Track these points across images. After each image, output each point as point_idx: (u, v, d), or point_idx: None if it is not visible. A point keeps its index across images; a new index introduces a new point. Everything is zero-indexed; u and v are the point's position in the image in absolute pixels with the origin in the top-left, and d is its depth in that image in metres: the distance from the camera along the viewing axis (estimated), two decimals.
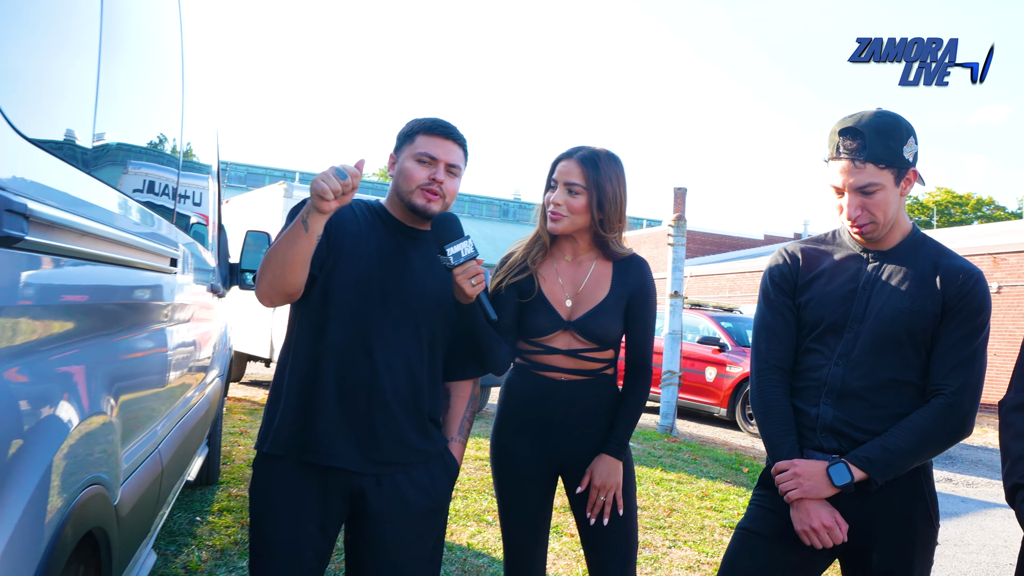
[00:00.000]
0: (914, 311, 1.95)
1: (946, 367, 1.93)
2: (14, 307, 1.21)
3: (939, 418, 1.91)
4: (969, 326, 1.94)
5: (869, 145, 1.90)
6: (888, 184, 1.93)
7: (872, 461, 1.90)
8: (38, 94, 1.35)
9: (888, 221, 1.97)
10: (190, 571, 3.76)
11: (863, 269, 2.04)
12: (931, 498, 2.01)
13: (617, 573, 2.35)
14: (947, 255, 2.02)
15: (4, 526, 1.18)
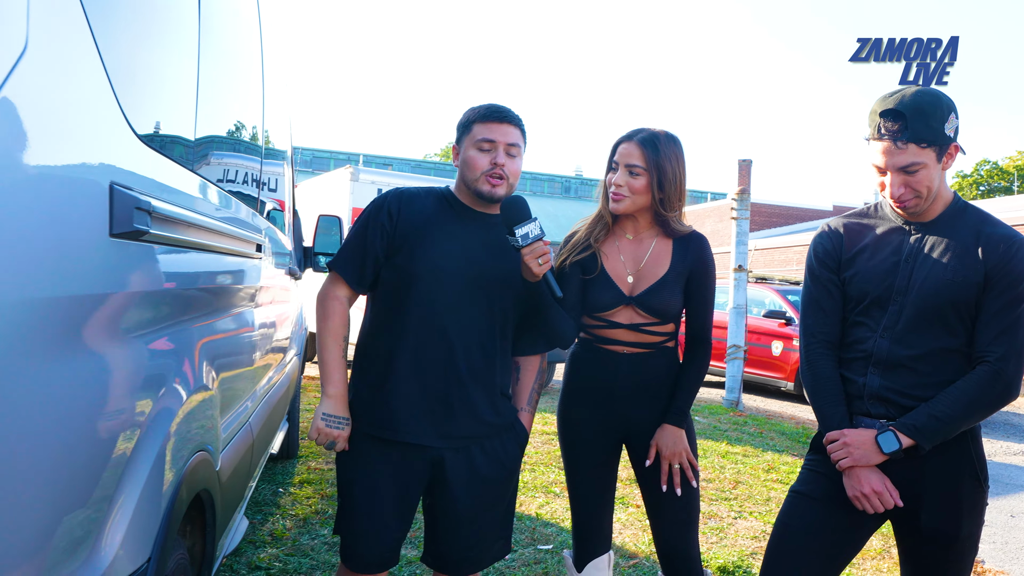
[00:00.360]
0: (956, 282, 1.98)
1: (990, 335, 1.97)
2: (140, 292, 1.36)
3: (984, 385, 1.96)
4: (1012, 293, 1.96)
5: (911, 126, 1.92)
6: (930, 162, 1.96)
7: (919, 428, 1.95)
8: (152, 100, 1.51)
9: (931, 196, 2.01)
10: (276, 538, 3.99)
11: (905, 242, 2.08)
12: (979, 460, 2.06)
13: (680, 539, 2.45)
14: (990, 222, 2.05)
15: (134, 486, 1.34)
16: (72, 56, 1.05)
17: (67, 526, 1.08)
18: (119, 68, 1.24)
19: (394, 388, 2.20)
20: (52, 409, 1.02)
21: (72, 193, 1.05)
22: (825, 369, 2.13)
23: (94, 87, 1.13)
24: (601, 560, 2.55)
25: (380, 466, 2.20)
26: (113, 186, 1.17)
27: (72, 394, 1.09)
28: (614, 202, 2.39)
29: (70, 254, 1.05)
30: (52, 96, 0.99)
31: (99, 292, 1.17)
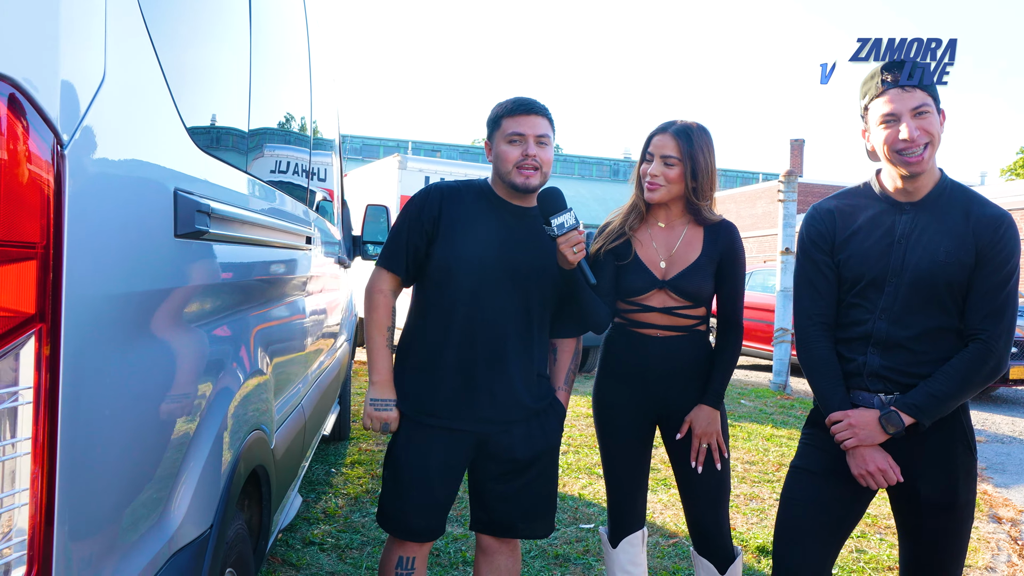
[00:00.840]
0: (950, 263, 2.04)
1: (980, 314, 2.04)
2: (202, 286, 1.51)
3: (976, 362, 2.03)
4: (1001, 273, 2.03)
5: (917, 74, 2.03)
6: (934, 110, 2.04)
7: (920, 408, 2.03)
8: (208, 109, 1.65)
9: (935, 151, 2.06)
10: (328, 515, 4.18)
11: (898, 222, 2.12)
12: (968, 430, 2.14)
13: (711, 516, 2.55)
14: (978, 202, 2.10)
15: (197, 461, 1.49)
16: (140, 79, 1.19)
17: (139, 496, 1.23)
18: (180, 84, 1.37)
19: (440, 378, 2.33)
20: (126, 392, 1.16)
21: (142, 200, 1.19)
22: (822, 350, 2.19)
23: (159, 104, 1.27)
24: (635, 536, 2.65)
25: (427, 445, 2.34)
26: (177, 192, 1.31)
27: (143, 379, 1.23)
28: (649, 191, 2.48)
29: (142, 254, 1.19)
30: (124, 116, 1.12)
31: (167, 287, 1.31)
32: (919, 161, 2.04)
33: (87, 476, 1.02)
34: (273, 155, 2.34)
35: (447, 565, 3.56)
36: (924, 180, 2.11)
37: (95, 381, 1.04)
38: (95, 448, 1.04)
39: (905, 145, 2.04)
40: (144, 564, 1.24)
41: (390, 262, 2.38)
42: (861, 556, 3.94)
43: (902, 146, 2.04)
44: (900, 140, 2.03)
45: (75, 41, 0.97)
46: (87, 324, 0.99)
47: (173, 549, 1.37)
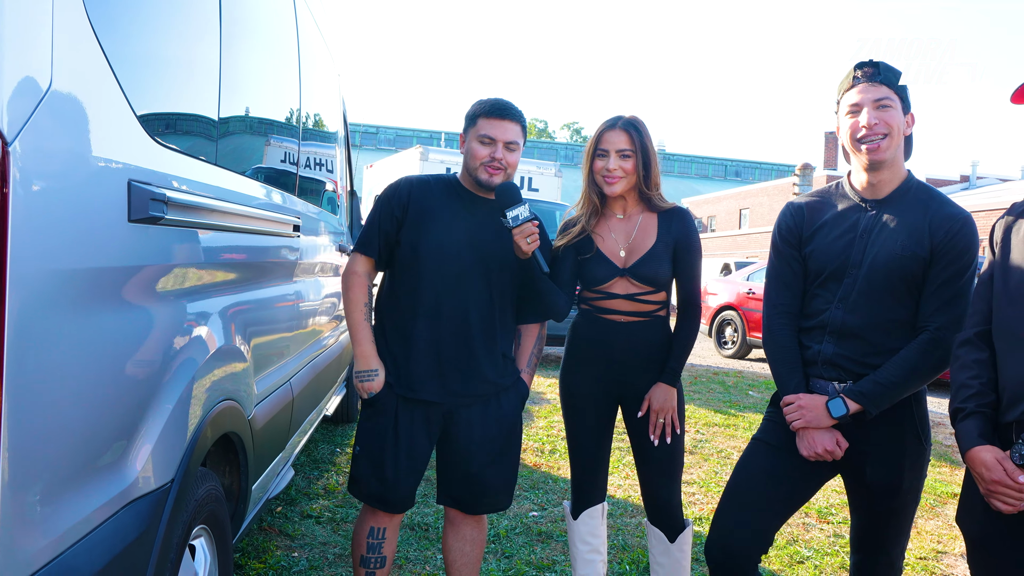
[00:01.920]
0: (905, 256, 2.15)
1: (932, 306, 2.15)
2: (160, 265, 1.69)
3: (924, 353, 2.13)
4: (954, 268, 2.13)
5: (883, 72, 2.18)
6: (897, 107, 2.18)
7: (865, 394, 2.14)
8: (170, 106, 1.84)
9: (895, 146, 2.19)
10: (329, 491, 4.40)
11: (862, 218, 2.26)
12: (921, 422, 2.24)
13: (664, 488, 2.71)
14: (938, 200, 2.21)
15: (158, 419, 1.68)
16: (91, 82, 1.37)
17: (91, 445, 1.41)
18: (135, 87, 1.56)
19: (410, 353, 2.54)
20: (77, 353, 1.35)
21: (92, 190, 1.37)
22: (784, 338, 2.33)
23: (111, 105, 1.45)
24: (595, 509, 2.81)
25: (398, 419, 2.53)
26: (131, 182, 1.49)
27: (96, 343, 1.41)
28: (609, 185, 2.63)
29: (92, 237, 1.38)
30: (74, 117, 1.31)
31: (120, 265, 1.49)
32: (876, 149, 2.17)
33: (33, 419, 1.21)
34: (249, 146, 2.53)
35: (434, 539, 3.74)
36: (888, 177, 2.24)
37: (42, 341, 1.22)
38: (42, 397, 1.23)
39: (864, 132, 2.18)
40: (98, 505, 1.43)
41: (364, 247, 2.60)
42: (838, 540, 4.06)
43: (862, 133, 2.18)
44: (860, 127, 2.18)
45: (20, 51, 1.16)
46: (31, 293, 1.18)
47: (132, 496, 1.56)
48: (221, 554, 2.18)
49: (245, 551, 3.48)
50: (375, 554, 2.61)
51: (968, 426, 1.89)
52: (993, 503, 1.82)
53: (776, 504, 2.30)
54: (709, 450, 5.86)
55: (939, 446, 6.62)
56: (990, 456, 1.81)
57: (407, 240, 2.54)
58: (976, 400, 1.91)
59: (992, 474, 1.79)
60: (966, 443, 1.88)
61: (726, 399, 8.07)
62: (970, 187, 33.55)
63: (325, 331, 4.03)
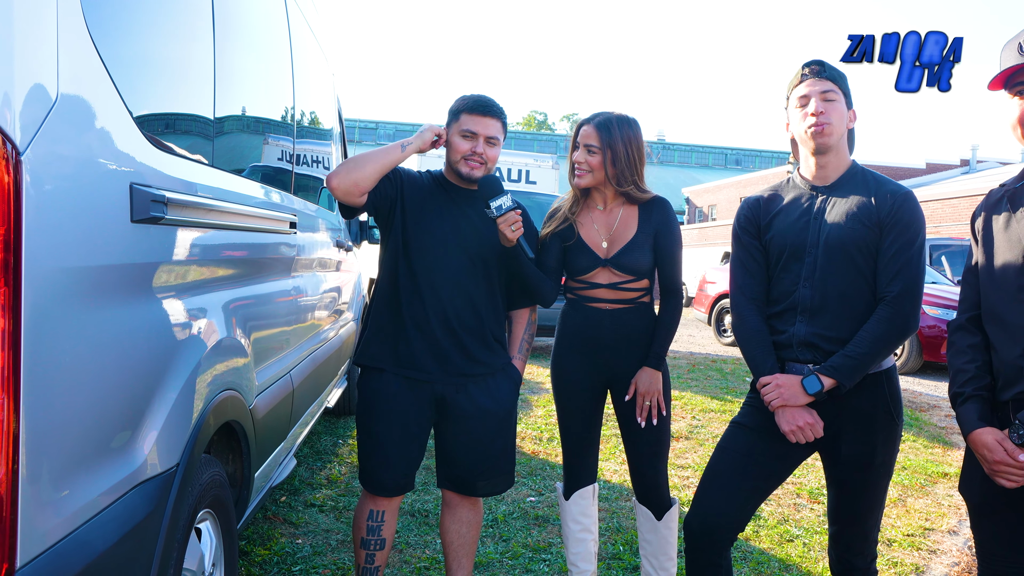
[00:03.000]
0: (856, 228, 2.31)
1: (887, 276, 2.29)
2: (161, 262, 1.80)
3: (885, 322, 2.27)
4: (903, 239, 2.28)
5: (828, 70, 2.37)
6: (841, 101, 2.35)
7: (837, 368, 2.26)
8: (164, 113, 1.94)
9: (839, 133, 2.36)
10: (331, 481, 4.51)
11: (813, 203, 2.41)
12: (893, 398, 2.36)
13: (650, 468, 2.82)
14: (882, 181, 2.38)
15: (163, 407, 1.79)
16: (94, 96, 1.48)
17: (102, 430, 1.52)
18: (134, 97, 1.66)
19: (401, 334, 2.66)
20: (87, 342, 1.45)
21: (97, 193, 1.48)
22: (753, 321, 2.44)
23: (113, 114, 1.56)
24: (586, 490, 2.92)
25: (393, 401, 2.64)
26: (132, 185, 1.60)
27: (104, 334, 1.52)
28: (577, 177, 2.75)
29: (98, 236, 1.48)
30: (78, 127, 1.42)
31: (124, 263, 1.60)
32: (821, 133, 2.33)
33: (48, 405, 1.31)
34: (244, 146, 2.63)
35: (433, 524, 3.86)
36: (834, 163, 2.40)
37: (55, 333, 1.33)
38: (56, 384, 1.34)
39: (813, 120, 2.33)
40: (108, 486, 1.54)
41: None
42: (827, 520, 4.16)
43: (810, 121, 2.33)
44: (808, 115, 2.34)
45: (29, 67, 1.26)
46: (45, 289, 1.29)
47: (139, 479, 1.67)
48: (226, 536, 2.29)
49: (250, 538, 3.59)
50: (375, 536, 2.72)
51: (968, 410, 2.05)
52: (998, 480, 1.98)
53: (754, 482, 2.41)
54: (704, 435, 5.96)
55: (933, 428, 6.73)
56: (991, 438, 1.97)
57: (398, 227, 2.66)
58: (973, 384, 2.07)
59: (994, 455, 1.96)
60: (968, 426, 2.04)
61: (723, 386, 8.18)
62: (970, 171, 33.54)
63: (324, 325, 4.13)
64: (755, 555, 3.67)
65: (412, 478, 2.73)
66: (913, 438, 6.20)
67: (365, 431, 2.69)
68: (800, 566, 3.58)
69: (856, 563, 2.45)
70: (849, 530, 2.42)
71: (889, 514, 4.30)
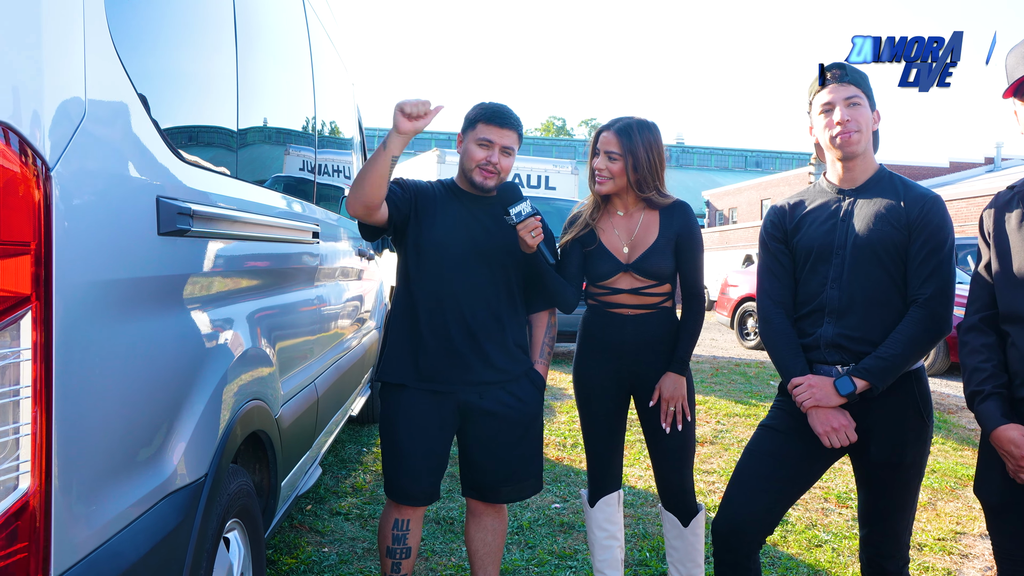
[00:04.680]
0: (885, 230, 2.29)
1: (919, 279, 2.27)
2: (188, 274, 1.82)
3: (919, 323, 2.25)
4: (933, 242, 2.27)
5: (850, 73, 2.35)
6: (866, 104, 2.33)
7: (870, 371, 2.24)
8: (189, 125, 1.96)
9: (866, 139, 2.34)
10: (357, 489, 4.53)
11: (840, 206, 2.40)
12: (923, 398, 2.34)
13: (676, 474, 2.80)
14: (910, 185, 2.37)
15: (191, 419, 1.80)
16: (121, 111, 1.50)
17: (132, 441, 1.54)
18: (162, 111, 1.68)
19: (420, 346, 2.65)
20: (117, 355, 1.47)
21: (125, 206, 1.50)
22: (781, 324, 2.43)
23: (139, 128, 1.58)
24: (611, 497, 2.91)
25: (415, 411, 2.64)
26: (159, 198, 1.62)
27: (133, 346, 1.54)
28: (598, 184, 2.74)
29: (126, 249, 1.50)
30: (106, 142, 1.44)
31: (152, 275, 1.62)
32: (849, 142, 2.32)
33: (79, 418, 1.33)
34: (267, 157, 2.66)
35: (459, 532, 3.86)
36: (861, 166, 2.39)
37: (85, 346, 1.34)
38: (86, 397, 1.35)
39: (839, 129, 2.32)
40: (139, 497, 1.56)
41: None
42: (855, 524, 4.11)
43: (836, 129, 2.32)
44: (835, 123, 2.32)
45: (58, 84, 1.28)
46: (75, 302, 1.30)
47: (169, 489, 1.68)
48: (254, 546, 2.30)
49: (277, 547, 3.61)
50: (400, 545, 2.72)
51: (989, 407, 2.03)
52: (1021, 478, 1.96)
53: (782, 484, 2.39)
54: (730, 440, 5.92)
55: (962, 430, 6.64)
56: (1016, 433, 1.96)
57: (413, 236, 2.66)
58: (992, 382, 2.05)
59: (1021, 450, 1.94)
60: (990, 423, 2.02)
61: (747, 390, 8.12)
62: (995, 169, 33.16)
63: (348, 334, 4.15)
64: (783, 560, 3.64)
65: (437, 487, 2.73)
66: (942, 440, 6.12)
67: (389, 442, 2.69)
68: (829, 571, 3.54)
69: (888, 567, 2.42)
70: (880, 532, 2.40)
71: (919, 518, 4.24)
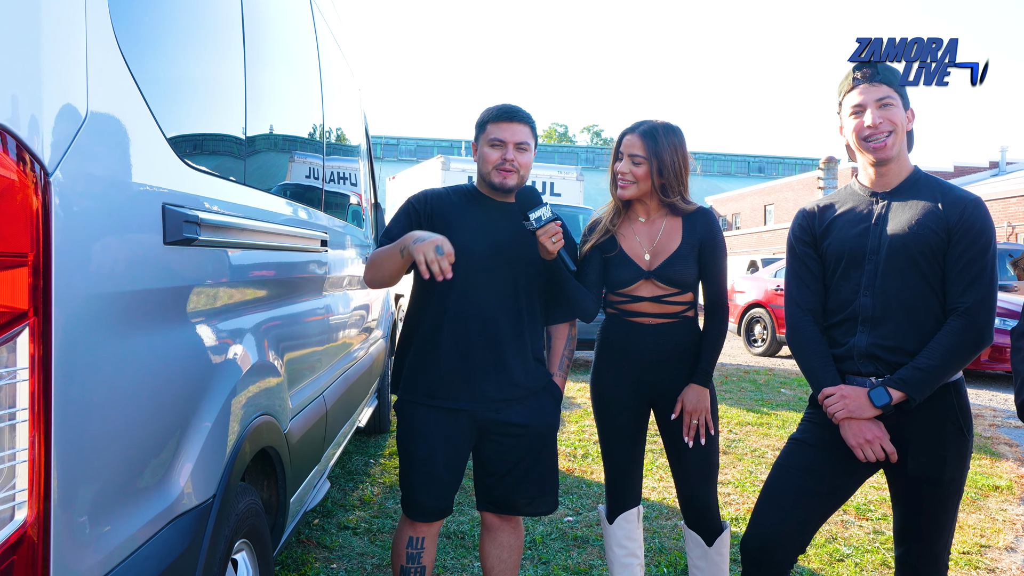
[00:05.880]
0: (922, 234, 2.18)
1: (960, 287, 2.16)
2: (196, 285, 1.73)
3: (959, 333, 2.14)
4: (975, 248, 2.15)
5: (882, 72, 2.24)
6: (899, 104, 2.23)
7: (906, 381, 2.14)
8: (196, 130, 1.88)
9: (900, 141, 2.24)
10: (364, 502, 4.43)
11: (873, 209, 2.29)
12: (962, 411, 2.23)
13: (699, 491, 2.70)
14: (947, 188, 2.25)
15: (198, 437, 1.71)
16: (124, 114, 1.41)
17: (137, 463, 1.45)
18: (166, 114, 1.60)
19: (438, 360, 2.54)
20: (121, 372, 1.38)
21: (129, 215, 1.41)
22: (810, 332, 2.33)
23: (144, 132, 1.49)
24: (631, 513, 2.81)
25: (431, 428, 2.55)
26: (165, 206, 1.53)
27: (139, 362, 1.45)
28: (621, 189, 2.65)
29: (130, 259, 1.41)
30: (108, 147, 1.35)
31: (158, 287, 1.53)
32: (883, 147, 2.22)
33: (82, 441, 1.24)
34: (275, 164, 2.57)
35: (470, 547, 3.76)
36: (895, 169, 2.29)
37: (87, 362, 1.26)
38: (89, 417, 1.26)
39: (869, 132, 2.23)
40: (144, 522, 1.47)
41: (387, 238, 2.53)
42: (878, 537, 4.02)
43: (867, 132, 2.23)
44: (866, 127, 2.23)
45: (58, 86, 1.20)
46: (76, 317, 1.22)
47: (176, 512, 1.60)
48: (262, 566, 2.21)
49: (284, 564, 3.51)
50: (415, 564, 2.63)
51: None
52: None
53: (815, 500, 2.29)
54: (743, 449, 5.82)
55: (978, 438, 6.53)
56: None
57: None
58: None
59: None
60: None
61: (758, 397, 8.02)
62: (1000, 173, 33.01)
63: (355, 344, 4.07)
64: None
65: (452, 502, 2.64)
66: None
67: (407, 457, 2.59)
68: None
69: None
70: (917, 552, 2.29)
71: None
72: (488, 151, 2.54)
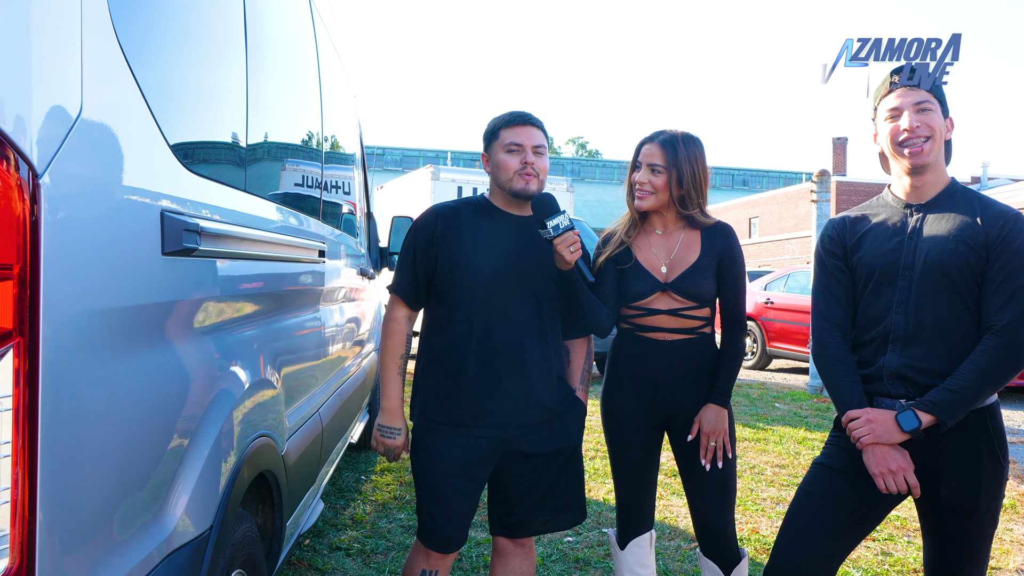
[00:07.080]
0: (959, 250, 2.07)
1: (996, 304, 2.05)
2: (195, 299, 1.60)
3: (993, 354, 2.02)
4: (1014, 264, 2.04)
5: (921, 76, 2.15)
6: (938, 110, 2.13)
7: (937, 404, 2.02)
8: (201, 134, 1.75)
9: (937, 148, 2.13)
10: (356, 521, 4.28)
11: (907, 221, 2.18)
12: (998, 437, 2.11)
13: (716, 518, 2.57)
14: (986, 201, 2.14)
15: (195, 464, 1.58)
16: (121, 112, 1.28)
17: (129, 496, 1.31)
18: (165, 114, 1.47)
19: (463, 388, 2.38)
20: (115, 398, 1.25)
21: (125, 222, 1.28)
22: (837, 350, 2.21)
23: (142, 133, 1.36)
24: (643, 538, 2.69)
25: (454, 455, 2.39)
26: (164, 213, 1.40)
27: (133, 386, 1.32)
28: (639, 199, 2.53)
29: (126, 272, 1.28)
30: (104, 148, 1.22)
31: (156, 301, 1.40)
32: (919, 152, 2.12)
33: (71, 477, 1.11)
34: (276, 171, 2.44)
35: (468, 569, 3.62)
36: (931, 180, 2.18)
37: (77, 389, 1.12)
38: (79, 451, 1.13)
39: (906, 136, 2.13)
40: (137, 561, 1.33)
41: (401, 290, 2.48)
42: (887, 559, 3.91)
43: (904, 136, 2.13)
44: (902, 130, 2.13)
45: (50, 80, 1.07)
46: (67, 337, 1.08)
47: (170, 548, 1.46)
48: None
49: None
50: None
51: None
52: None
53: (841, 529, 2.17)
54: (742, 466, 5.71)
55: None
56: None
57: (446, 270, 2.40)
58: None
59: None
60: None
61: (753, 412, 7.92)
62: (982, 188, 33.28)
63: (349, 358, 3.93)
64: None
65: (466, 532, 2.49)
66: None
67: (428, 486, 2.43)
68: None
69: None
70: None
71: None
72: (505, 157, 2.40)
